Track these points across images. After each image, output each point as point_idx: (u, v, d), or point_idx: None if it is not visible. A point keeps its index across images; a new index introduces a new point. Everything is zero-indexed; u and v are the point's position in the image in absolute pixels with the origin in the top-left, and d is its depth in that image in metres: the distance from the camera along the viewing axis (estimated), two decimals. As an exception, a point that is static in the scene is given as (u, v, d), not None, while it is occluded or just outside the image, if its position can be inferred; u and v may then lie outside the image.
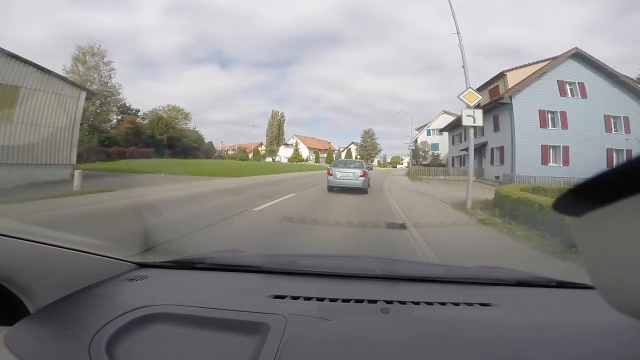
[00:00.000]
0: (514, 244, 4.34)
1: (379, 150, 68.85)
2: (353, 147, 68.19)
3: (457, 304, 0.96)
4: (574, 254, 3.21)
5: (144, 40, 77.73)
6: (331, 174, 9.78)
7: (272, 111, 65.80)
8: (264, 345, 0.70)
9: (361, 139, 71.01)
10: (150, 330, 0.76)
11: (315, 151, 60.87)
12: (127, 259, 1.09)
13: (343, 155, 56.40)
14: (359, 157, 55.19)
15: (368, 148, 69.07)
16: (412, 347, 0.71)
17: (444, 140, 37.57)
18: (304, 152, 60.22)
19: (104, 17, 68.95)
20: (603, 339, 0.79)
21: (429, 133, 44.75)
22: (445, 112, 41.32)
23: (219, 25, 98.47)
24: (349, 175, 9.67)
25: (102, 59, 32.20)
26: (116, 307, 0.80)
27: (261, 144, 62.12)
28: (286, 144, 57.86)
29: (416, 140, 40.21)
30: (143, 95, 73.16)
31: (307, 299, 0.94)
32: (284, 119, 68.09)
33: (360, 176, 9.59)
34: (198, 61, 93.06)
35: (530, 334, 0.80)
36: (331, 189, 9.85)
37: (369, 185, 10.24)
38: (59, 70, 18.53)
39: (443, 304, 0.96)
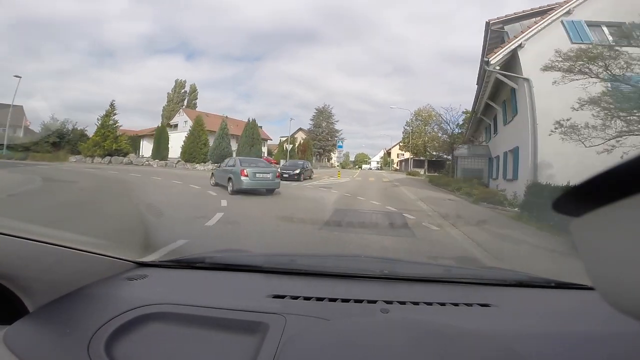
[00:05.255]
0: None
1: (339, 140, 49.16)
2: (300, 136, 47.74)
3: (456, 304, 1.00)
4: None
5: (104, 28, 75.45)
6: (246, 175, 8.91)
7: (176, 81, 48.89)
8: (262, 345, 0.73)
9: (312, 122, 50.52)
10: (150, 330, 0.78)
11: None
12: (127, 258, 1.12)
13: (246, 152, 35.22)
14: (287, 146, 34.24)
15: (322, 137, 48.97)
16: (411, 348, 0.74)
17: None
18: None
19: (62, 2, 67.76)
20: (602, 339, 0.83)
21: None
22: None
23: (189, 15, 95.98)
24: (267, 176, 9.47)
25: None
26: (115, 306, 0.83)
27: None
28: (169, 125, 34.88)
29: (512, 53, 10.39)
30: (96, 86, 65.15)
31: (307, 298, 0.97)
32: (196, 94, 49.73)
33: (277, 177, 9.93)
34: (162, 51, 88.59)
35: (529, 334, 0.84)
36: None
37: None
38: None
39: (442, 304, 1.00)
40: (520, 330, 0.87)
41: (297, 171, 16.24)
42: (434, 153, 35.72)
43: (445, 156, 33.91)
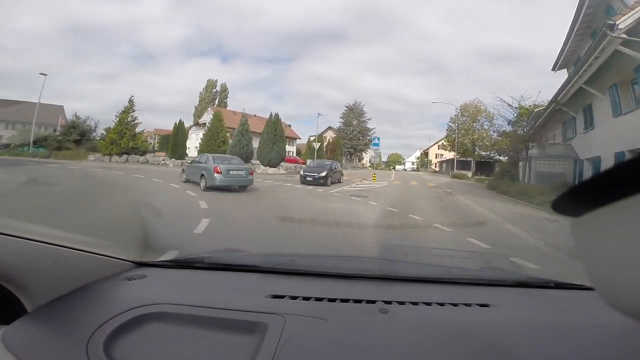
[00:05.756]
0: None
1: (371, 139, 45.52)
2: (330, 135, 44.88)
3: (455, 305, 0.99)
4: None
5: (145, 33, 79.89)
6: (220, 172, 8.99)
7: (207, 81, 50.19)
8: (261, 345, 0.72)
9: (341, 120, 47.38)
10: (148, 330, 0.78)
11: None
12: (125, 258, 1.11)
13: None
14: (315, 145, 31.66)
15: (352, 136, 45.66)
16: (410, 348, 0.75)
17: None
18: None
19: (107, 8, 73.75)
20: (601, 339, 0.83)
21: None
22: None
23: (221, 19, 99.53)
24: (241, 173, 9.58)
25: None
26: (114, 306, 0.83)
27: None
28: (198, 124, 33.85)
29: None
30: (141, 88, 70.92)
31: (306, 298, 0.97)
32: (227, 92, 50.54)
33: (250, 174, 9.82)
34: (199, 54, 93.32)
35: (528, 334, 0.84)
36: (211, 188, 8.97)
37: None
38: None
39: (441, 304, 0.99)
40: (520, 330, 0.87)
41: (323, 174, 12.98)
42: (484, 153, 31.33)
43: (498, 157, 29.57)
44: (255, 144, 21.69)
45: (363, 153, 48.13)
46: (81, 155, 22.94)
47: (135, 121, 23.40)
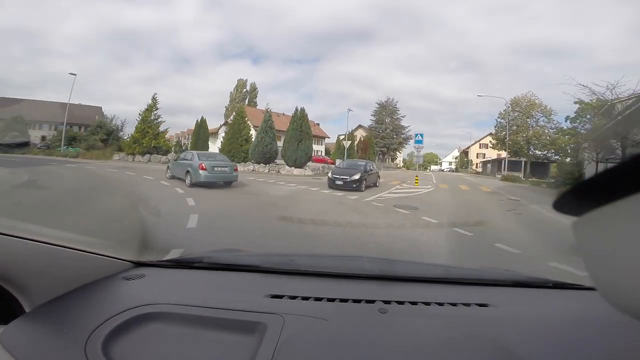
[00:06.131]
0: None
1: (406, 139, 42.41)
2: (360, 134, 42.54)
3: (454, 305, 0.99)
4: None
5: (180, 37, 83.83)
6: (205, 168, 9.12)
7: (238, 81, 50.16)
8: (261, 345, 0.73)
9: (373, 118, 44.73)
10: (147, 330, 0.78)
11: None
12: (124, 258, 1.11)
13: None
14: (345, 143, 29.46)
15: (385, 134, 42.92)
16: (409, 348, 0.75)
17: None
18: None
19: (143, 13, 78.74)
20: (599, 339, 0.84)
21: None
22: None
23: (252, 21, 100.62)
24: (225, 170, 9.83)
25: None
26: (113, 306, 0.83)
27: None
28: (227, 123, 32.98)
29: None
30: (178, 91, 76.13)
31: (305, 298, 0.97)
32: (256, 92, 50.40)
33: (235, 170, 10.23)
34: (231, 57, 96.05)
35: (527, 334, 0.85)
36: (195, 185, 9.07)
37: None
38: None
39: (441, 304, 0.99)
40: (518, 330, 0.87)
41: (357, 177, 10.63)
42: (539, 153, 27.44)
43: (555, 157, 25.69)
44: (281, 143, 20.10)
45: (397, 152, 45.23)
46: (107, 155, 22.76)
47: (159, 120, 22.66)
